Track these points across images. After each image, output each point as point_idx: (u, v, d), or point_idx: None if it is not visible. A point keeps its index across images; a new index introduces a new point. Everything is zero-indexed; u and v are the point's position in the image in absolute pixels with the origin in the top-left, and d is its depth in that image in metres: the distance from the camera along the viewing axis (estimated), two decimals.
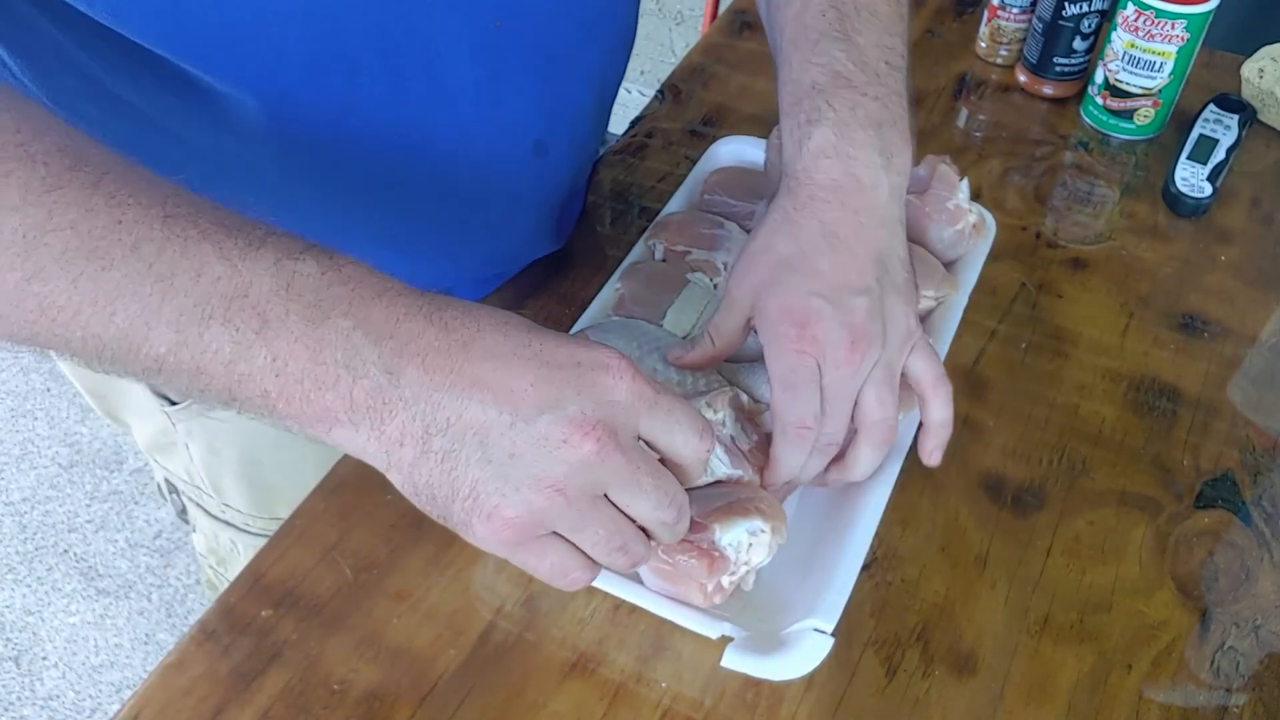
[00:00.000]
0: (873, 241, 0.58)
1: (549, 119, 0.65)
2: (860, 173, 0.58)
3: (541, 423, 0.42)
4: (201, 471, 0.80)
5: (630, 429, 0.45)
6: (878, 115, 0.59)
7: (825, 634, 0.53)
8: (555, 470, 0.43)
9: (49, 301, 0.40)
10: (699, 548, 0.54)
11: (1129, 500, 0.66)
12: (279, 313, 0.41)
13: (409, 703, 0.55)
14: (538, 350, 0.44)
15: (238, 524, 0.83)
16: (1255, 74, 0.95)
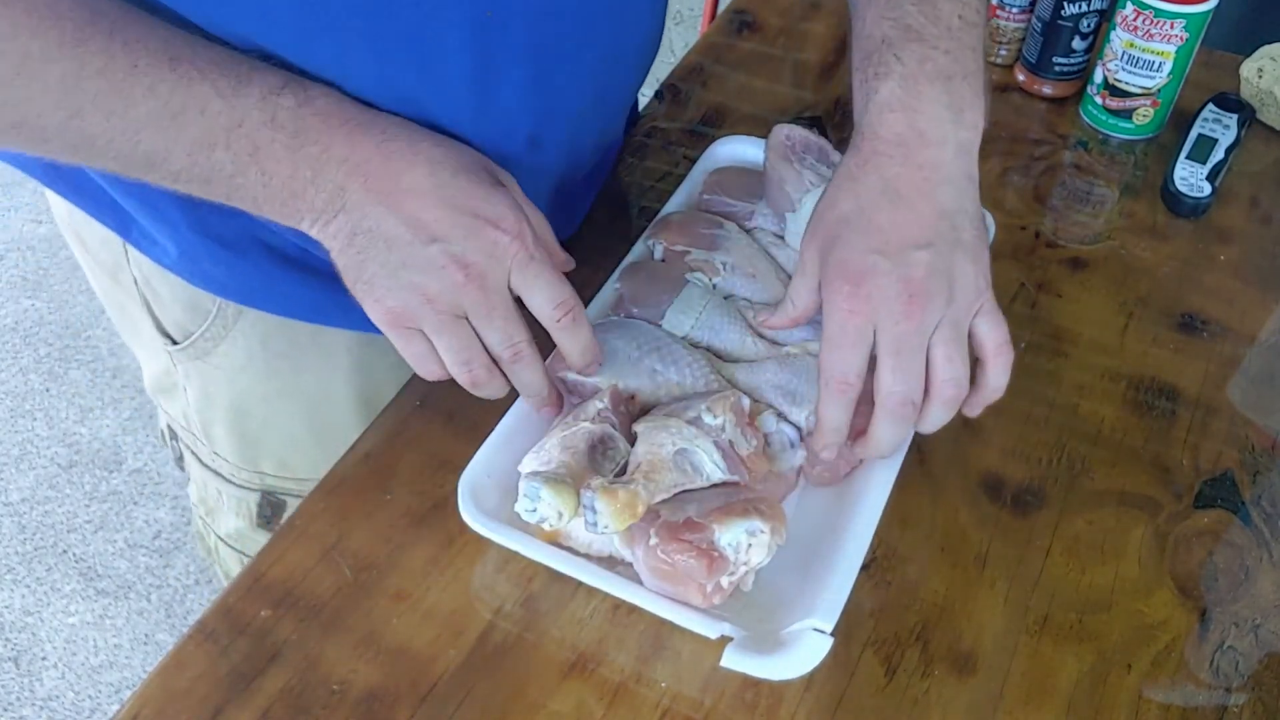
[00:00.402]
0: (937, 197, 0.57)
1: (543, 114, 0.65)
2: (926, 127, 0.58)
3: (433, 249, 0.54)
4: (195, 417, 0.82)
5: (499, 277, 0.55)
6: (948, 69, 0.58)
7: (825, 634, 0.53)
8: (430, 285, 0.54)
9: (88, 133, 0.51)
10: (698, 548, 0.54)
11: (1128, 500, 0.66)
12: (266, 140, 0.53)
13: (409, 703, 0.55)
14: (452, 194, 0.55)
15: (224, 474, 0.84)
16: (1254, 73, 0.95)
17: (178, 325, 0.76)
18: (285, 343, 0.75)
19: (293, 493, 0.84)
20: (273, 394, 0.78)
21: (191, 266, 0.69)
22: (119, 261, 0.75)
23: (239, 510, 0.86)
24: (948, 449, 0.68)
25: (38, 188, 2.31)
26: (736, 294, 0.70)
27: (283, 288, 0.70)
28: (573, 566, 0.57)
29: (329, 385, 0.78)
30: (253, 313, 0.73)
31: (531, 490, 0.54)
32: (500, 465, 0.61)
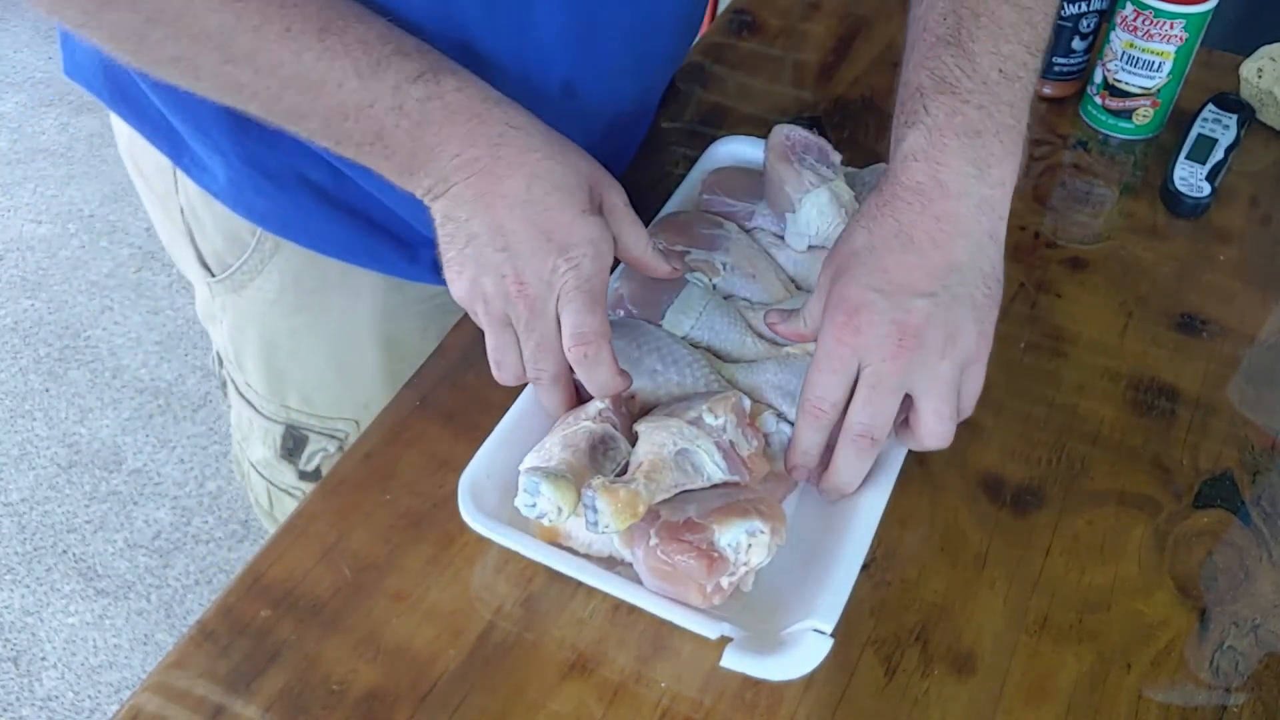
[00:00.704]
0: (950, 249, 0.57)
1: (579, 64, 0.67)
2: (946, 179, 0.57)
3: (500, 256, 0.57)
4: (230, 347, 0.86)
5: (549, 301, 0.58)
6: (978, 124, 0.58)
7: (824, 634, 0.53)
8: (488, 286, 0.58)
9: (236, 80, 0.55)
10: (698, 549, 0.54)
11: (1128, 500, 0.66)
12: (391, 125, 0.56)
13: (408, 703, 0.55)
14: (538, 211, 0.57)
15: (255, 404, 0.87)
16: (1254, 74, 0.95)
17: (216, 257, 0.79)
18: (316, 280, 0.78)
19: (314, 429, 0.87)
20: (300, 329, 0.81)
21: (236, 194, 0.72)
22: (169, 190, 0.78)
23: (266, 440, 0.89)
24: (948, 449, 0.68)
25: (37, 187, 2.32)
26: (736, 294, 0.70)
27: (317, 223, 0.73)
28: (572, 567, 0.57)
29: (354, 325, 0.81)
30: (287, 249, 0.76)
31: (531, 485, 0.54)
32: (500, 465, 0.61)
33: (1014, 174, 0.59)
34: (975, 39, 0.60)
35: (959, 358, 0.57)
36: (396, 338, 0.82)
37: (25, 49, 2.63)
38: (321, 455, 0.88)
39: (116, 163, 2.33)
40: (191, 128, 0.69)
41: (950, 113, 0.58)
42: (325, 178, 0.71)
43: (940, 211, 0.57)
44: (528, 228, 0.57)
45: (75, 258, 2.14)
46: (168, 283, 2.10)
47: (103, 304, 2.05)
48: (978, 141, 0.58)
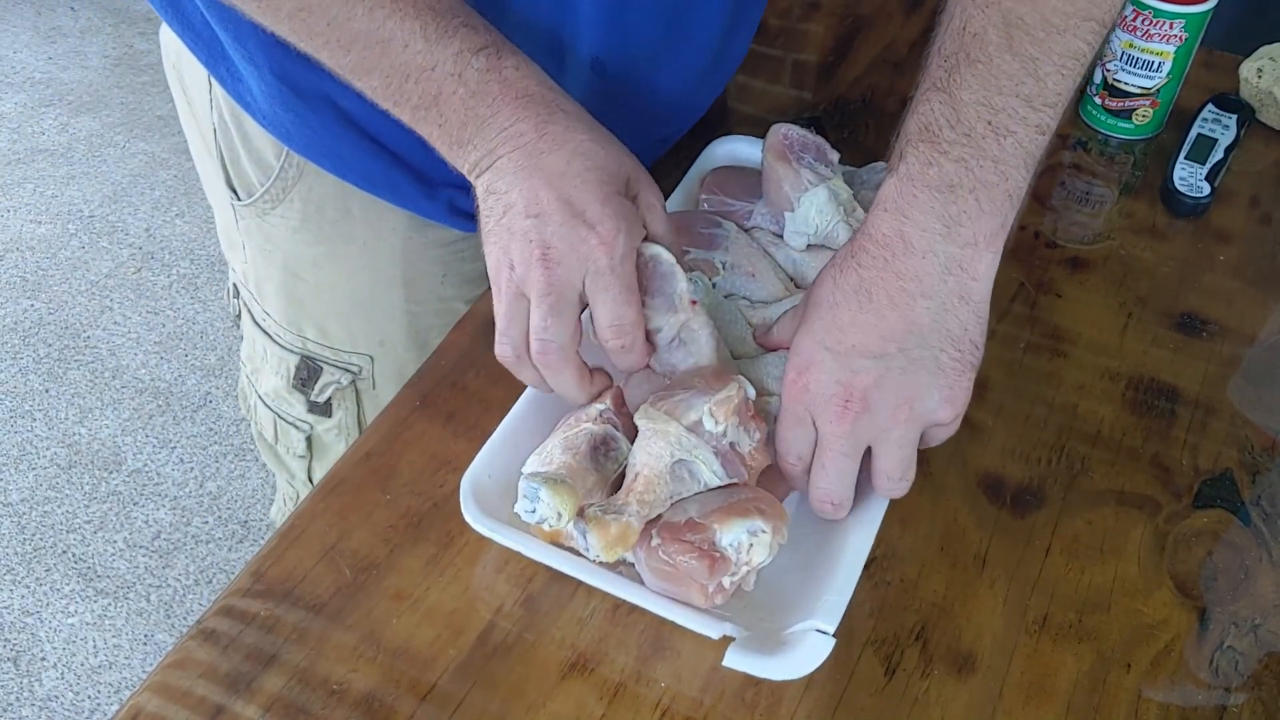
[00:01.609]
0: (908, 309, 0.55)
1: (610, 41, 0.68)
2: (911, 235, 0.55)
3: (529, 223, 0.57)
4: (251, 273, 0.87)
5: (573, 273, 0.57)
6: (952, 177, 0.55)
7: (827, 634, 0.53)
8: (514, 252, 0.58)
9: (310, 29, 0.57)
10: (699, 549, 0.54)
11: (1128, 500, 0.66)
12: (450, 90, 0.57)
13: (409, 703, 0.55)
14: (574, 186, 0.57)
15: (271, 332, 0.88)
16: (1254, 74, 0.95)
17: (244, 179, 0.81)
18: (339, 210, 0.79)
19: (329, 360, 0.88)
20: (322, 258, 0.82)
21: (267, 108, 0.73)
22: (205, 107, 0.80)
23: (279, 369, 0.90)
24: (948, 449, 0.68)
25: (37, 187, 2.32)
26: (737, 293, 0.70)
27: (341, 147, 0.74)
28: (575, 567, 0.57)
29: (375, 260, 0.82)
30: (312, 175, 0.77)
31: (530, 491, 0.54)
32: (501, 466, 0.61)
33: (991, 234, 0.56)
34: (966, 87, 0.56)
35: (916, 421, 0.57)
36: (415, 279, 0.83)
37: (25, 49, 2.63)
38: (334, 388, 0.89)
39: (116, 162, 2.33)
40: (231, 37, 0.70)
41: (925, 164, 0.55)
42: (354, 104, 0.71)
43: (902, 269, 0.55)
44: (560, 201, 0.57)
45: (75, 258, 2.14)
46: (168, 283, 2.10)
47: (103, 304, 2.05)
48: (949, 196, 0.55)
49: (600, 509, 0.55)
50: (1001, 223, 0.56)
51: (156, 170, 2.33)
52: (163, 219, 2.23)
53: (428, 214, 0.79)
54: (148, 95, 2.51)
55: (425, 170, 0.76)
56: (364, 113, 0.72)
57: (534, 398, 0.64)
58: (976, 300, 0.56)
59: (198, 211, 2.23)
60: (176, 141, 2.38)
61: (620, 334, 0.59)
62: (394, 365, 0.88)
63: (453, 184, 0.76)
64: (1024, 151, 0.56)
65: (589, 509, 0.55)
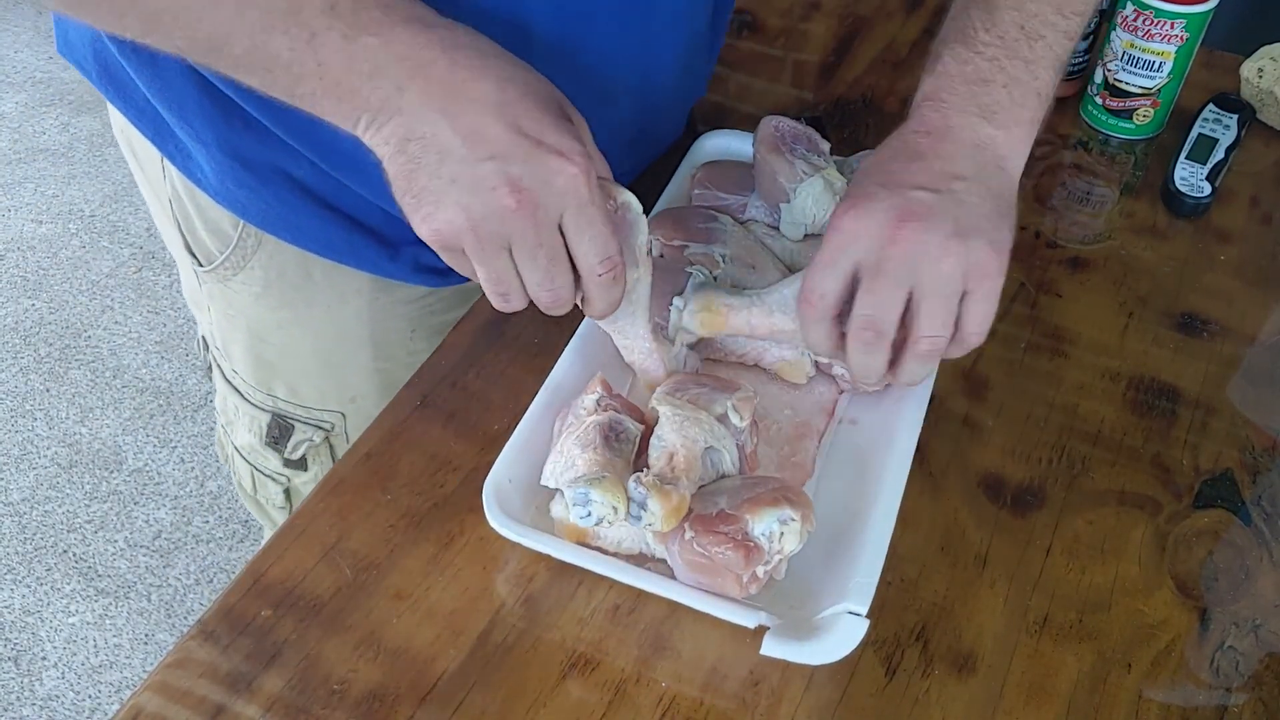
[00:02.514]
0: (954, 161, 0.58)
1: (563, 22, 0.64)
2: (952, 120, 0.59)
3: (486, 167, 0.50)
4: (217, 334, 0.85)
5: (553, 212, 0.52)
6: (986, 73, 0.59)
7: (860, 616, 0.54)
8: (476, 208, 0.51)
9: (155, 8, 0.51)
10: (734, 540, 0.54)
11: (1128, 500, 0.66)
12: (323, 26, 0.49)
13: (409, 703, 0.55)
14: (519, 114, 0.51)
15: (241, 390, 0.87)
16: (1254, 73, 0.95)
17: (203, 248, 0.79)
18: (301, 276, 0.77)
19: (301, 419, 0.86)
20: (288, 323, 0.80)
21: (219, 184, 0.72)
22: (159, 176, 0.78)
23: (251, 427, 0.89)
24: (948, 449, 0.68)
25: (38, 187, 2.32)
26: (738, 285, 0.70)
27: (301, 220, 0.71)
28: (606, 566, 0.57)
29: (341, 321, 0.80)
30: (272, 243, 0.75)
31: (580, 496, 0.55)
32: (522, 469, 0.61)
33: (1026, 124, 0.60)
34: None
35: (964, 259, 0.55)
36: (383, 337, 0.82)
37: (25, 49, 2.63)
38: (307, 445, 0.88)
39: (117, 163, 2.33)
40: (176, 115, 0.68)
41: (961, 61, 0.60)
42: (307, 173, 0.70)
43: (947, 137, 0.59)
44: (512, 133, 0.50)
45: (76, 258, 2.14)
46: (168, 283, 2.10)
47: (103, 304, 2.05)
48: (984, 89, 0.59)
49: (656, 479, 0.55)
50: (1031, 117, 0.60)
51: None
52: None
53: (391, 274, 0.77)
54: None
55: (385, 232, 0.74)
56: (319, 181, 0.70)
57: (547, 402, 0.64)
58: (1011, 172, 0.59)
59: None
60: None
61: (611, 264, 0.55)
62: (367, 421, 0.83)
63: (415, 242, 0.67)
64: (1053, 55, 0.61)
65: (646, 476, 0.55)
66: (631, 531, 0.58)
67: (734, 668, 0.57)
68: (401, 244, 0.75)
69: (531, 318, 0.73)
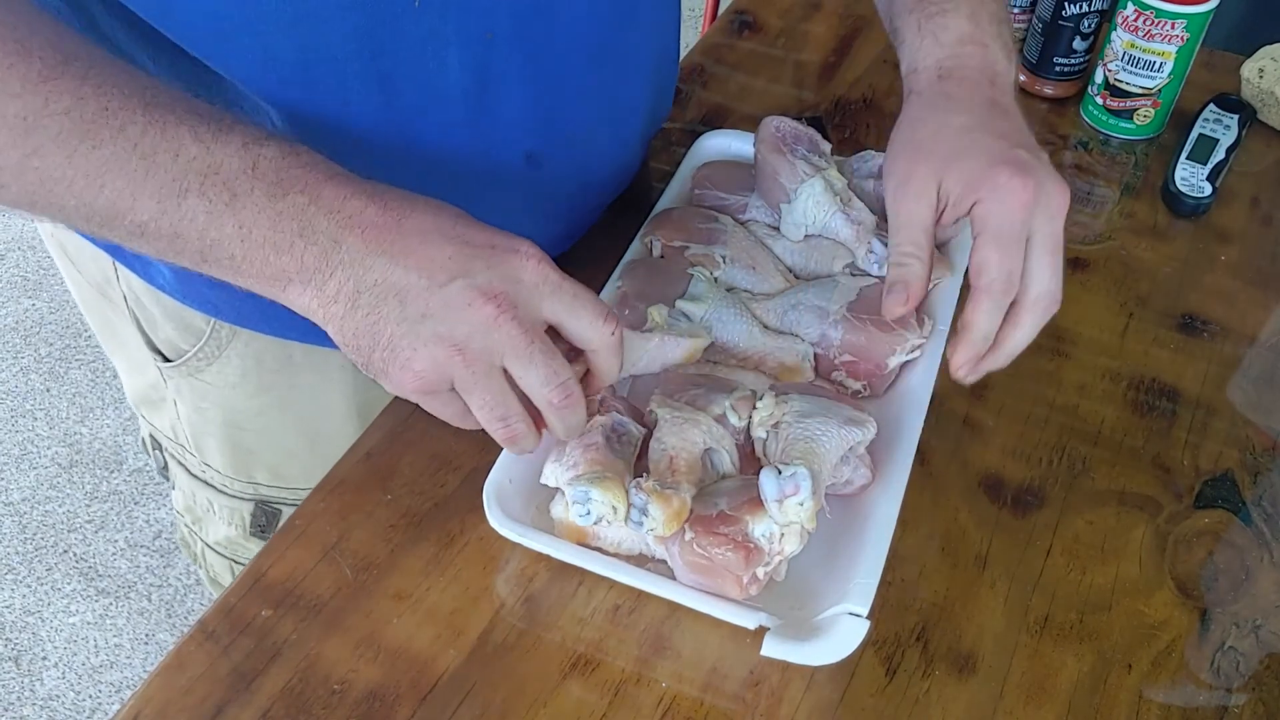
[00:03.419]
0: (1016, 115, 0.62)
1: (543, 133, 0.63)
2: (995, 61, 0.62)
3: (453, 288, 0.48)
4: (186, 429, 0.80)
5: (533, 307, 0.50)
6: (998, 12, 0.64)
7: (860, 617, 0.54)
8: (458, 330, 0.48)
9: (46, 175, 0.46)
10: (734, 540, 0.54)
11: (1129, 500, 0.66)
12: (245, 188, 0.47)
13: (409, 703, 0.55)
14: (461, 232, 0.49)
15: (216, 484, 0.83)
16: (1255, 74, 0.95)
17: (170, 344, 0.75)
18: (279, 360, 0.74)
19: (287, 501, 0.83)
20: (268, 408, 0.77)
21: (185, 288, 0.69)
22: (108, 278, 0.74)
23: (231, 519, 0.85)
24: (948, 449, 0.68)
25: None
26: (739, 286, 0.70)
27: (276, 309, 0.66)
28: (605, 567, 0.57)
29: (324, 399, 0.77)
30: (246, 332, 0.72)
31: (580, 495, 0.55)
32: (521, 469, 0.61)
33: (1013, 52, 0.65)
34: None
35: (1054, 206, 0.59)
36: (370, 405, 0.75)
37: None
38: None
39: None
40: None
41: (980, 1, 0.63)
42: None
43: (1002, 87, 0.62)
44: (463, 247, 0.49)
45: None
46: None
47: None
48: (1003, 30, 0.64)
49: (657, 484, 0.55)
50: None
51: None
52: None
53: None
54: None
55: None
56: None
57: None
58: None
59: None
60: None
61: (614, 322, 0.53)
62: None
63: None
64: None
65: (646, 482, 0.55)
66: (632, 532, 0.58)
67: (734, 668, 0.57)
68: None
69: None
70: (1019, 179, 0.57)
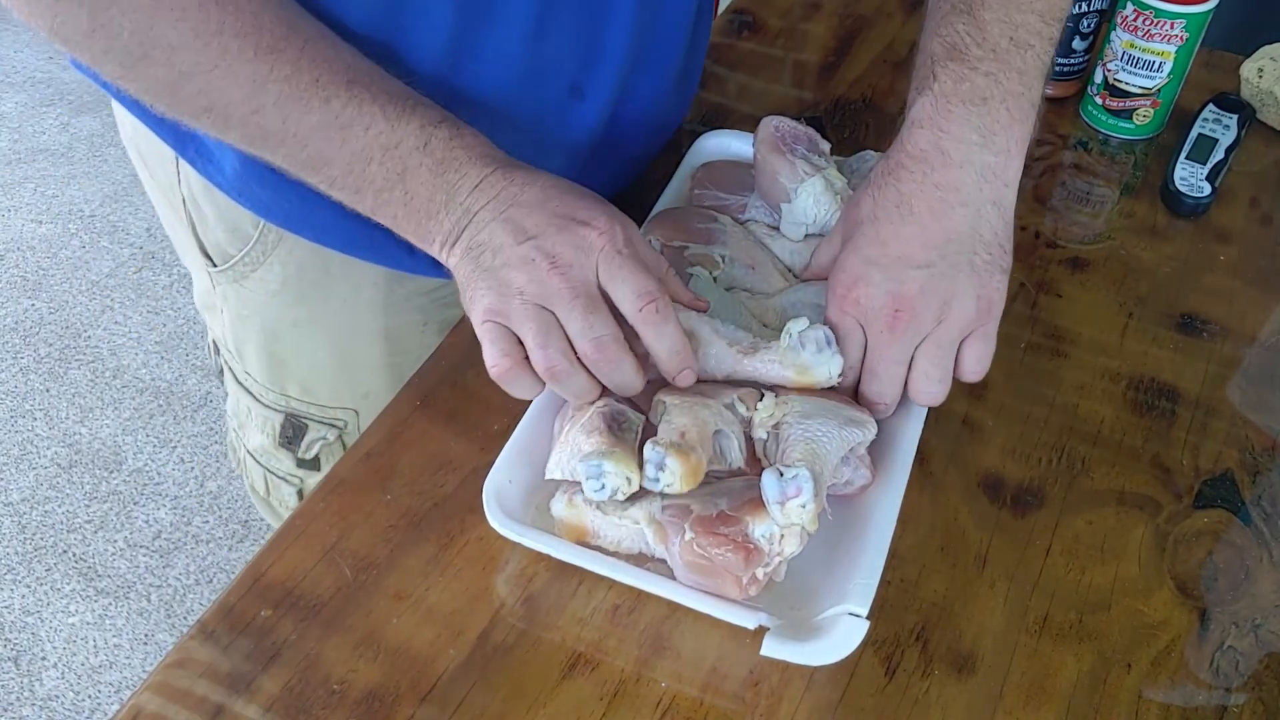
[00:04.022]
0: (950, 219, 0.59)
1: (585, 63, 0.69)
2: (948, 147, 0.59)
3: (525, 248, 0.57)
4: (230, 335, 0.86)
5: (586, 269, 0.57)
6: (984, 90, 0.59)
7: (860, 617, 0.54)
8: (519, 277, 0.57)
9: (264, 129, 0.57)
10: (734, 541, 0.54)
11: (1128, 500, 0.66)
12: (415, 163, 0.58)
13: (409, 703, 0.55)
14: (556, 206, 0.58)
15: (254, 392, 0.88)
16: (1254, 73, 0.95)
17: (218, 248, 0.80)
18: (318, 272, 0.79)
19: (314, 417, 0.87)
20: (302, 320, 0.82)
21: (240, 186, 0.73)
22: (172, 181, 0.79)
23: (264, 428, 0.90)
24: (948, 449, 0.68)
25: (38, 187, 2.32)
26: (738, 285, 0.70)
27: (320, 216, 0.72)
28: (606, 566, 0.57)
29: (355, 317, 0.82)
30: (289, 241, 0.77)
31: (593, 469, 0.55)
32: (522, 469, 0.61)
33: (1021, 141, 0.60)
34: (987, 6, 0.61)
35: (954, 324, 0.60)
36: (397, 330, 0.83)
37: (25, 49, 2.64)
38: (321, 444, 0.88)
39: (117, 162, 2.33)
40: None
41: (957, 80, 0.59)
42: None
43: (941, 180, 0.59)
44: (548, 217, 0.58)
45: (76, 258, 2.14)
46: (168, 283, 2.10)
47: (103, 304, 2.05)
48: (983, 109, 0.59)
49: (673, 441, 0.55)
50: (1026, 134, 0.61)
51: None
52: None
53: (410, 268, 0.78)
54: None
55: None
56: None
57: (547, 401, 0.64)
58: (1006, 206, 0.61)
59: None
60: None
61: (648, 298, 0.57)
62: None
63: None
64: (1040, 63, 0.61)
65: (660, 440, 0.55)
66: (631, 531, 0.58)
67: (734, 668, 0.57)
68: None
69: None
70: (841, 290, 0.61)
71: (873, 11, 1.07)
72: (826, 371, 0.60)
